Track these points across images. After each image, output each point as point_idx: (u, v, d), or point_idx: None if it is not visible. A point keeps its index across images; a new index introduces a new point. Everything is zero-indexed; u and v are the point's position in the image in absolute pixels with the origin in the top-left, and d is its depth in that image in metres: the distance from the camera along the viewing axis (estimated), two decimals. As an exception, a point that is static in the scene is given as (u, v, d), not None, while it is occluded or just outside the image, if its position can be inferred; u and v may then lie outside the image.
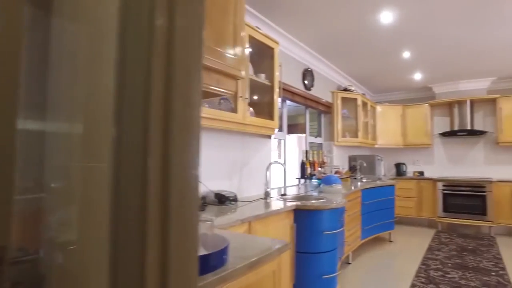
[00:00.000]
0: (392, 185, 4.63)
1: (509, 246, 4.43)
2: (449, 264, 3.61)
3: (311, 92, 4.24)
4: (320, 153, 4.00)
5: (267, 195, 2.75)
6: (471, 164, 5.77)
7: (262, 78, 2.75)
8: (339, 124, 4.77)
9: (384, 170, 6.17)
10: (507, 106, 5.23)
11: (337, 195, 2.95)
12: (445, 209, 5.31)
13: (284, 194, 2.96)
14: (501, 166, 5.54)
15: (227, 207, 2.32)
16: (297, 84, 3.97)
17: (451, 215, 5.26)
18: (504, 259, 3.81)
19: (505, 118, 5.24)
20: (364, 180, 4.83)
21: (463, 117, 5.54)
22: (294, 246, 2.42)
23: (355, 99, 5.00)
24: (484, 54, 4.21)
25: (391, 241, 4.68)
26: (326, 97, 4.72)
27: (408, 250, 4.25)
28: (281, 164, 2.86)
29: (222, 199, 2.40)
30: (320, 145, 4.91)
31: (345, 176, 4.39)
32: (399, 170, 6.10)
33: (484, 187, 5.04)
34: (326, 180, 3.09)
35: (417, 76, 5.25)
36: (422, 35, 3.59)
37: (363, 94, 5.46)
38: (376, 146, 5.96)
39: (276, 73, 2.83)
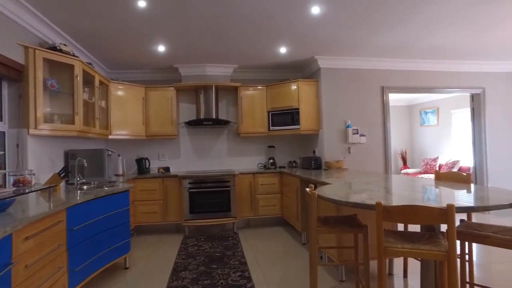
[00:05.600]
0: (126, 191, 3.31)
1: (248, 239, 4.27)
2: (197, 292, 2.72)
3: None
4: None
5: None
6: (216, 156, 5.40)
7: None
8: (39, 102, 2.93)
9: (122, 168, 4.80)
10: (247, 96, 5.12)
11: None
12: (192, 210, 4.58)
13: None
14: (242, 158, 5.47)
15: None
16: None
17: (198, 216, 4.59)
18: (248, 263, 3.39)
19: (245, 108, 5.11)
20: (85, 188, 3.26)
21: (209, 105, 5.02)
22: None
23: (71, 66, 3.29)
24: (224, 32, 3.64)
25: (127, 268, 3.37)
26: (12, 53, 2.76)
27: (148, 278, 3.08)
28: None
29: None
30: (3, 135, 2.87)
31: (42, 187, 2.63)
32: (141, 167, 4.91)
33: (228, 181, 4.67)
34: None
35: (161, 49, 4.18)
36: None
37: (89, 63, 3.82)
38: (110, 137, 4.47)
39: None
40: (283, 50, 4.33)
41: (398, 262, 3.20)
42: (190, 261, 3.50)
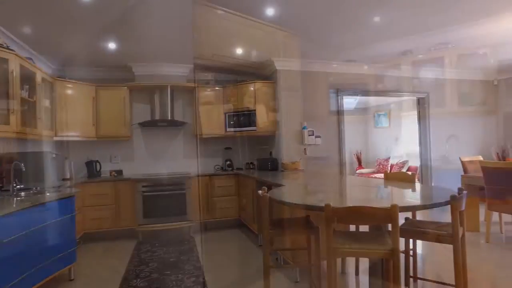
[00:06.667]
0: (71, 197, 3.09)
1: (204, 243, 4.21)
2: (148, 301, 2.60)
3: None
4: None
5: None
6: (172, 158, 5.24)
7: None
8: (-33, 99, 2.65)
9: (70, 172, 4.50)
10: (203, 97, 5.04)
11: None
12: (146, 215, 4.41)
13: None
14: (199, 159, 5.36)
15: None
16: None
17: (153, 220, 4.43)
18: (204, 268, 3.32)
19: (201, 109, 5.02)
20: (23, 194, 2.99)
21: (164, 106, 4.86)
22: None
23: (5, 60, 3.02)
24: (180, 31, 3.54)
25: (72, 280, 3.15)
26: None
27: (94, 289, 2.90)
28: None
29: None
30: None
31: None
32: (92, 170, 4.63)
33: (184, 184, 4.55)
34: None
35: (112, 46, 3.97)
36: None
37: (29, 58, 3.53)
38: (56, 138, 4.18)
39: None
40: (239, 51, 4.31)
41: (351, 260, 3.29)
42: (142, 268, 3.35)
